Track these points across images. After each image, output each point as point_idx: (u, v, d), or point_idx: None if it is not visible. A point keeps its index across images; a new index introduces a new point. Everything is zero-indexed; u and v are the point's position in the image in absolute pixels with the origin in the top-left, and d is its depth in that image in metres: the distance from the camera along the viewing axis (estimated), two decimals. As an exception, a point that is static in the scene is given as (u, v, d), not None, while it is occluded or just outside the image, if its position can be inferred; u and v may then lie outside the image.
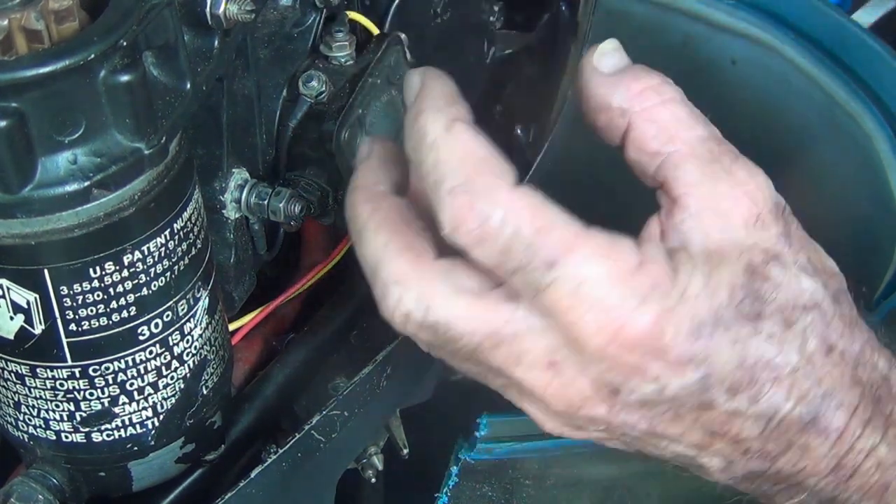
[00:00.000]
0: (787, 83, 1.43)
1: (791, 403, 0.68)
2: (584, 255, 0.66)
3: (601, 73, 0.72)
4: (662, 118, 0.70)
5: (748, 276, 0.68)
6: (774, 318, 0.68)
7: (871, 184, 1.35)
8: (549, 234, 0.66)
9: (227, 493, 0.79)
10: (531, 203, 0.67)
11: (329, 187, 0.88)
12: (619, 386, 0.68)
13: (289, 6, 0.85)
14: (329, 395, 0.89)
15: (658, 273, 0.67)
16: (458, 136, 0.68)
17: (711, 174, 0.69)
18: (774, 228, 0.69)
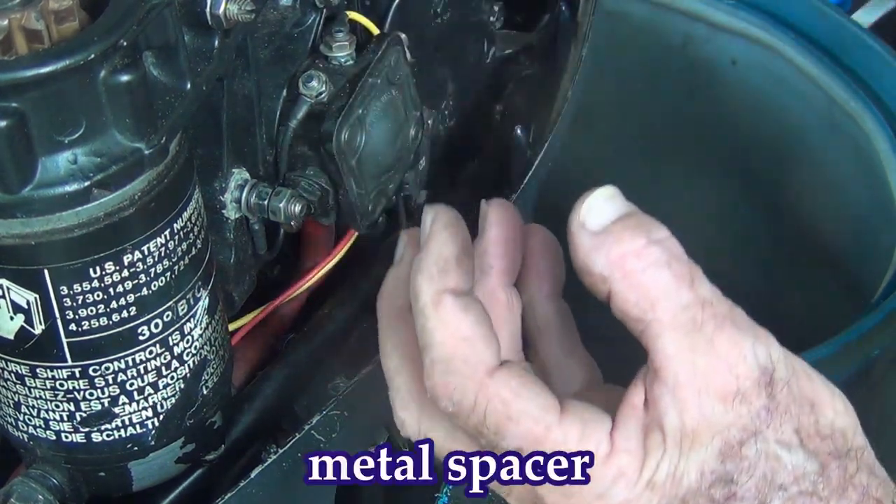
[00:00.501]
0: (787, 83, 1.44)
1: None
2: (550, 446, 0.68)
3: (586, 233, 0.68)
4: (644, 284, 0.67)
5: (720, 459, 0.67)
6: (747, 500, 0.67)
7: (871, 184, 1.35)
8: (518, 425, 0.68)
9: (227, 493, 0.79)
10: (505, 390, 0.68)
11: (329, 187, 0.88)
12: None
13: (289, 6, 0.85)
14: (329, 395, 0.89)
15: (625, 463, 0.67)
16: (444, 311, 0.69)
17: (690, 346, 0.67)
18: (756, 402, 0.67)
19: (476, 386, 0.68)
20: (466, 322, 0.69)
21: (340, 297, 0.98)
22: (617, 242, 0.67)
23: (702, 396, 0.67)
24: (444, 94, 1.06)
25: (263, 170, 0.86)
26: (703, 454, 0.67)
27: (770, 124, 1.47)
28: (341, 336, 0.96)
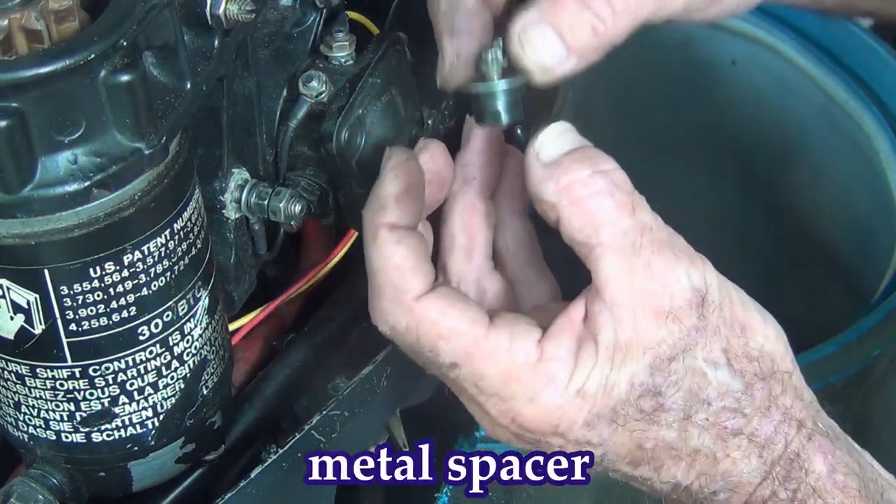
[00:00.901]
0: (786, 83, 1.44)
1: (691, 478, 0.73)
2: (481, 357, 0.73)
3: (538, 164, 0.74)
4: (588, 210, 0.73)
5: (650, 372, 0.72)
6: (674, 411, 0.72)
7: (871, 184, 1.35)
8: (449, 341, 0.73)
9: (227, 493, 0.79)
10: (432, 312, 0.73)
11: (329, 187, 0.88)
12: (535, 442, 0.75)
13: (289, 6, 0.85)
14: (329, 395, 0.89)
15: (554, 369, 0.72)
16: (379, 242, 0.75)
17: (629, 269, 0.72)
18: (687, 322, 0.72)
19: (405, 310, 0.74)
20: (398, 253, 0.74)
21: (340, 297, 0.98)
22: (565, 173, 0.73)
23: (637, 314, 0.72)
24: (445, 94, 1.06)
25: (263, 170, 0.86)
26: (633, 367, 0.72)
27: (770, 124, 1.47)
28: (341, 336, 0.96)
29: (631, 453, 0.73)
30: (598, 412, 0.72)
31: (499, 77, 0.78)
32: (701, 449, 0.73)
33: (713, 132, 1.55)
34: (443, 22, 0.81)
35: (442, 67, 0.82)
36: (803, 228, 1.47)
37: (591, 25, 0.76)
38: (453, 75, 0.81)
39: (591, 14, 0.76)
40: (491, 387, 0.73)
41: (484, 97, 0.79)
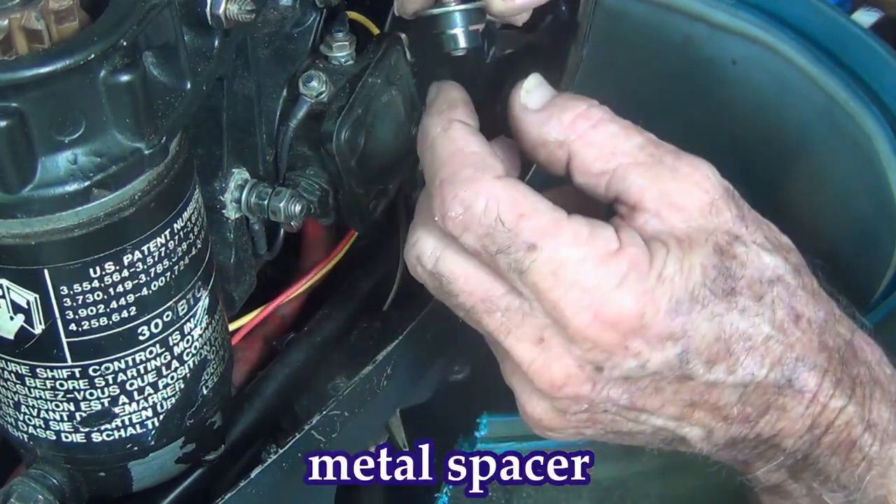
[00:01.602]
0: (786, 83, 1.43)
1: (766, 370, 0.73)
2: (563, 239, 0.71)
3: (531, 111, 0.76)
4: (598, 139, 0.74)
5: (718, 256, 0.72)
6: (745, 293, 0.72)
7: (871, 184, 1.35)
8: (530, 219, 0.71)
9: (227, 493, 0.79)
10: (513, 191, 0.72)
11: (329, 187, 0.88)
12: (603, 363, 0.72)
13: (289, 6, 0.85)
14: (329, 395, 0.89)
15: (636, 256, 0.71)
16: (451, 134, 0.74)
17: (658, 176, 0.73)
18: (729, 212, 0.74)
19: (487, 188, 0.72)
20: (474, 141, 0.74)
21: (340, 297, 0.98)
22: (564, 110, 0.75)
23: (682, 213, 0.73)
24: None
25: (263, 170, 0.86)
26: (702, 252, 0.72)
27: (770, 124, 1.47)
28: (341, 336, 0.96)
29: (709, 347, 0.72)
30: (678, 297, 0.71)
31: (456, 1, 0.79)
32: (773, 336, 0.72)
33: (713, 132, 1.54)
34: None
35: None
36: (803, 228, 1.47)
37: None
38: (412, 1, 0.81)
39: None
40: (571, 273, 0.71)
41: (440, 19, 0.80)
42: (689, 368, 0.72)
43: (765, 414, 0.74)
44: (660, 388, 0.73)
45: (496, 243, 0.71)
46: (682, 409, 0.74)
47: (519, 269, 0.71)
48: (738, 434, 0.75)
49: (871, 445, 0.74)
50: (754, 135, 1.51)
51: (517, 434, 0.98)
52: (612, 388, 0.73)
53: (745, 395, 0.73)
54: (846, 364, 0.74)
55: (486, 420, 0.99)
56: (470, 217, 0.72)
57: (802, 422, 0.74)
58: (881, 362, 0.76)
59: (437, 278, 0.76)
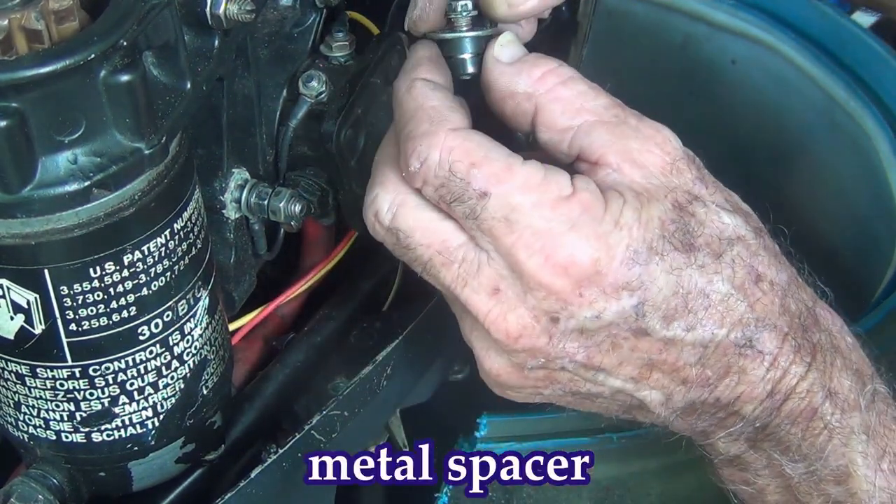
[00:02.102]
0: (786, 83, 1.43)
1: (725, 329, 0.72)
2: (515, 185, 0.72)
3: (503, 63, 0.77)
4: (566, 95, 0.75)
5: (677, 212, 0.73)
6: (704, 250, 0.73)
7: (871, 184, 1.35)
8: (482, 167, 0.72)
9: (227, 493, 0.79)
10: (466, 141, 0.73)
11: (329, 187, 0.88)
12: (558, 313, 0.72)
13: (289, 6, 0.85)
14: (329, 395, 0.89)
15: (589, 201, 0.72)
16: (413, 92, 0.76)
17: (622, 134, 0.74)
18: (689, 173, 0.75)
19: (440, 139, 0.73)
20: (435, 96, 0.76)
21: (340, 297, 0.98)
22: (535, 65, 0.76)
23: (643, 169, 0.74)
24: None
25: (263, 170, 0.86)
26: (660, 206, 0.73)
27: (770, 124, 1.47)
28: (341, 336, 0.96)
29: (667, 301, 0.72)
30: (635, 247, 0.71)
31: (467, 27, 0.80)
32: (732, 294, 0.72)
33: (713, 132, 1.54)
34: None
35: (412, 11, 0.82)
36: (803, 228, 1.47)
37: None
38: (423, 20, 0.82)
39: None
40: (524, 217, 0.71)
41: (451, 44, 0.80)
42: (646, 322, 0.72)
43: (724, 377, 0.73)
44: (616, 343, 0.73)
45: (451, 193, 0.73)
46: (639, 368, 0.74)
47: (473, 217, 0.72)
48: (697, 398, 0.74)
49: (832, 414, 0.74)
50: (754, 135, 1.50)
51: (517, 434, 0.98)
52: (569, 342, 0.73)
53: (704, 357, 0.73)
54: (807, 330, 0.74)
55: (486, 420, 0.99)
56: (426, 169, 0.73)
57: (763, 386, 0.73)
58: (842, 331, 0.76)
59: (394, 233, 0.76)
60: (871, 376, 0.75)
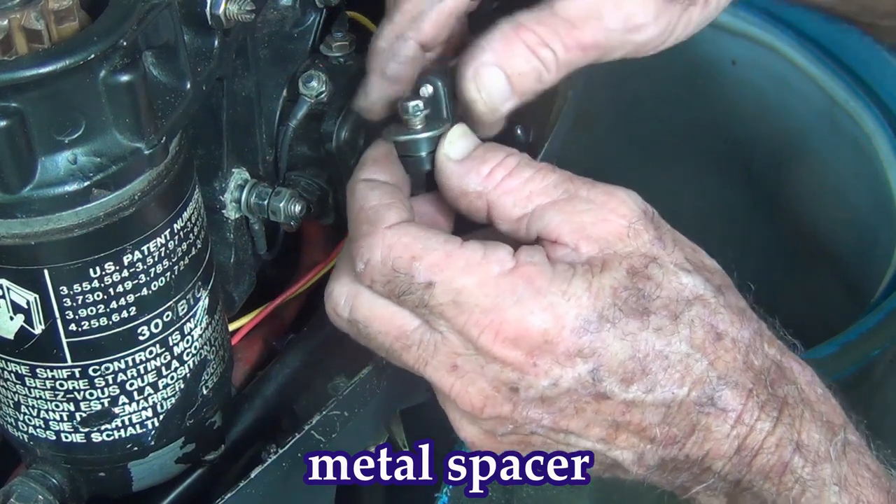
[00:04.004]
0: (787, 83, 1.43)
1: (686, 389, 0.73)
2: (456, 269, 0.74)
3: (453, 163, 0.78)
4: (514, 186, 0.77)
5: (630, 277, 0.74)
6: (660, 313, 0.74)
7: (871, 184, 1.35)
8: (422, 259, 0.74)
9: (227, 493, 0.79)
10: (403, 237, 0.75)
11: (329, 187, 0.88)
12: (516, 383, 0.74)
13: (289, 6, 0.85)
14: (329, 395, 0.88)
15: (533, 273, 0.74)
16: (355, 194, 0.78)
17: (573, 210, 0.75)
18: (646, 235, 0.75)
19: (379, 240, 0.75)
20: (373, 196, 0.78)
21: (340, 297, 0.98)
22: (482, 162, 0.78)
23: (599, 242, 0.74)
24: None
25: (263, 170, 0.86)
26: (613, 274, 0.74)
27: (770, 124, 1.47)
28: (341, 336, 0.96)
29: (623, 365, 0.73)
30: (586, 316, 0.73)
31: (421, 126, 0.80)
32: (691, 354, 0.73)
33: (713, 132, 1.55)
34: (378, 60, 0.83)
35: (363, 99, 0.84)
36: (803, 228, 1.47)
37: (537, 73, 0.80)
38: (374, 112, 0.84)
39: (538, 62, 0.80)
40: (470, 298, 0.73)
41: (408, 146, 0.80)
42: (604, 387, 0.73)
43: (690, 435, 0.74)
44: (580, 407, 0.75)
45: (398, 287, 0.75)
46: (606, 430, 0.75)
47: (423, 305, 0.75)
48: (667, 455, 0.75)
49: (803, 467, 0.74)
50: (754, 135, 1.51)
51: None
52: (532, 409, 0.75)
53: (668, 416, 0.74)
54: (774, 384, 0.75)
55: (486, 420, 0.99)
56: (371, 269, 0.76)
57: (729, 443, 0.74)
58: (812, 382, 0.77)
59: (354, 325, 0.79)
60: (841, 426, 0.76)
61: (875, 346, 1.13)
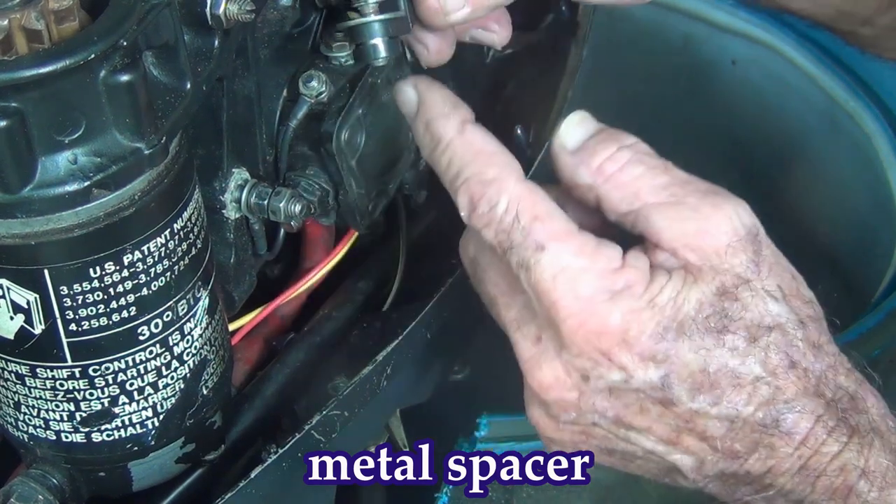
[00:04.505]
0: (787, 83, 1.43)
1: (752, 408, 0.74)
2: (570, 247, 0.75)
3: (566, 153, 0.79)
4: (623, 181, 0.77)
5: (718, 295, 0.74)
6: (739, 334, 0.74)
7: (871, 184, 1.35)
8: (544, 222, 0.75)
9: (227, 493, 0.79)
10: (534, 195, 0.76)
11: (329, 187, 0.88)
12: (589, 372, 0.75)
13: (289, 6, 0.85)
14: (329, 395, 0.89)
15: (633, 277, 0.75)
16: (470, 135, 0.79)
17: (678, 217, 0.76)
18: (744, 255, 0.75)
19: (510, 188, 0.76)
20: (492, 140, 0.79)
21: (340, 297, 0.98)
22: (593, 154, 0.78)
23: (697, 252, 0.75)
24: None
25: (263, 170, 0.86)
26: (703, 289, 0.74)
27: (770, 124, 1.47)
28: (341, 336, 0.96)
29: (693, 376, 0.74)
30: (666, 324, 0.74)
31: (374, 12, 0.80)
32: (763, 377, 0.74)
33: (713, 132, 1.55)
34: None
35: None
36: (803, 228, 1.47)
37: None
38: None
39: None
40: (570, 280, 0.74)
41: (361, 30, 0.80)
42: (672, 392, 0.75)
43: (753, 451, 0.75)
44: (645, 407, 0.76)
45: (510, 239, 0.76)
46: (669, 432, 0.76)
47: (526, 267, 0.75)
48: (728, 469, 0.76)
49: (869, 491, 0.75)
50: (754, 135, 1.51)
51: (517, 434, 0.98)
52: (598, 399, 0.76)
53: (732, 430, 0.75)
54: (845, 413, 0.76)
55: (486, 420, 0.99)
56: (493, 214, 0.76)
57: (792, 462, 0.75)
58: (885, 415, 0.78)
59: (475, 264, 0.81)
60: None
61: (875, 346, 1.13)
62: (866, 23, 1.06)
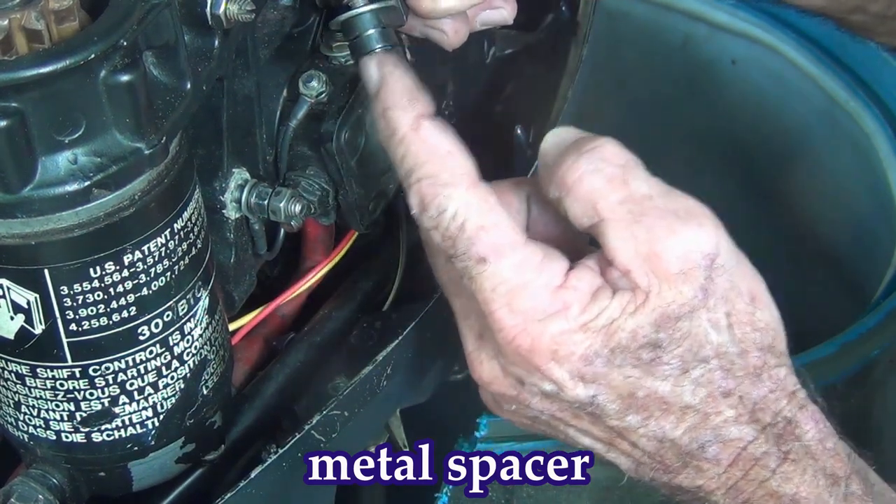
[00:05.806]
0: (787, 83, 1.44)
1: (679, 432, 0.75)
2: (512, 261, 0.74)
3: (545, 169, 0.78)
4: (581, 193, 0.76)
5: (655, 328, 0.74)
6: (673, 364, 0.74)
7: (871, 184, 1.35)
8: (489, 233, 0.75)
9: (227, 493, 0.79)
10: (484, 203, 0.75)
11: (329, 187, 0.88)
12: (524, 378, 0.76)
13: (289, 6, 0.85)
14: (329, 395, 0.89)
15: (571, 298, 0.74)
16: (424, 132, 0.77)
17: (631, 237, 0.74)
18: (694, 284, 0.74)
19: (460, 195, 0.75)
20: (447, 139, 0.77)
21: (340, 297, 0.98)
22: (556, 166, 0.77)
23: (648, 278, 0.74)
24: (444, 94, 1.06)
25: (263, 170, 0.86)
26: (640, 319, 0.74)
27: (770, 124, 1.47)
28: (341, 336, 0.96)
29: (622, 398, 0.75)
30: (597, 349, 0.74)
31: (365, 3, 0.80)
32: (692, 405, 0.74)
33: (713, 132, 1.55)
34: None
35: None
36: (803, 228, 1.47)
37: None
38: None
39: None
40: (509, 294, 0.74)
41: (354, 23, 0.80)
42: (601, 410, 0.75)
43: (683, 469, 0.76)
44: (577, 415, 0.77)
45: (455, 247, 0.75)
46: (606, 435, 0.77)
47: (468, 276, 0.75)
48: (660, 479, 0.77)
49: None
50: (754, 135, 1.51)
51: (517, 434, 0.99)
52: (535, 401, 0.77)
53: (661, 449, 0.76)
54: (780, 438, 0.76)
55: (486, 420, 0.99)
56: (441, 220, 0.76)
57: (720, 482, 0.76)
58: (823, 439, 0.77)
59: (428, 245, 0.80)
60: (845, 478, 0.77)
61: (875, 346, 1.13)
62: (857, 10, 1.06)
